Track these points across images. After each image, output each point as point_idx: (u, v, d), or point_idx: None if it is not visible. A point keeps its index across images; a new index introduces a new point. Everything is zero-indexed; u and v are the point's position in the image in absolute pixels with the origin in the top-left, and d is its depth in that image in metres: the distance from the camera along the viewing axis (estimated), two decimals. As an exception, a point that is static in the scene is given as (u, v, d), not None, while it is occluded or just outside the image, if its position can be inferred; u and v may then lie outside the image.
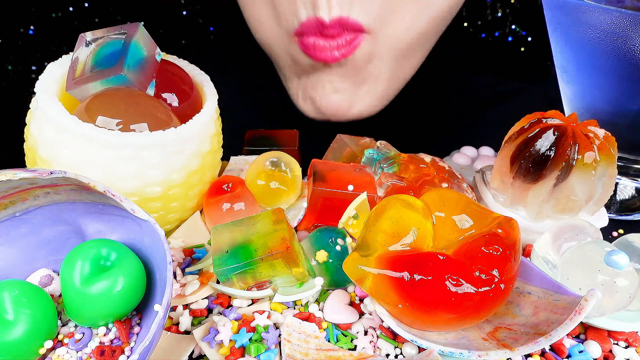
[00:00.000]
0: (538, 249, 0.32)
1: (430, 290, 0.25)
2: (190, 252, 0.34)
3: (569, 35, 0.38)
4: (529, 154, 0.33)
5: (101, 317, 0.27)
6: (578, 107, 0.41)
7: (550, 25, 0.40)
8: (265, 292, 0.30)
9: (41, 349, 0.26)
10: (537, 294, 0.28)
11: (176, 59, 0.39)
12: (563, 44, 0.39)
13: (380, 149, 0.39)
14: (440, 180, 0.36)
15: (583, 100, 0.41)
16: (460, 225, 0.28)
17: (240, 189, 0.35)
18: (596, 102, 0.40)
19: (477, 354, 0.25)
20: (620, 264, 0.27)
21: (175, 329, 0.29)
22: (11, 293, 0.25)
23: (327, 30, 0.42)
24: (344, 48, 0.43)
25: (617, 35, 0.34)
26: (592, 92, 0.39)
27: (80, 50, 0.33)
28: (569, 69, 0.40)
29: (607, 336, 0.30)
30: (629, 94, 0.37)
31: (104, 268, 0.26)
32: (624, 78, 0.36)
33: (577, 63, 0.39)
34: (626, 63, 0.35)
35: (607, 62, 0.36)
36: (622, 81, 0.37)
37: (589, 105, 0.40)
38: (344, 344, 0.28)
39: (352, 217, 0.34)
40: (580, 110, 0.41)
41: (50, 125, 0.30)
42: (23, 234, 0.29)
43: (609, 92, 0.38)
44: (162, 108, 0.33)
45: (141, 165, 0.31)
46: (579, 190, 0.33)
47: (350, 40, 0.42)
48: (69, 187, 0.28)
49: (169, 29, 0.78)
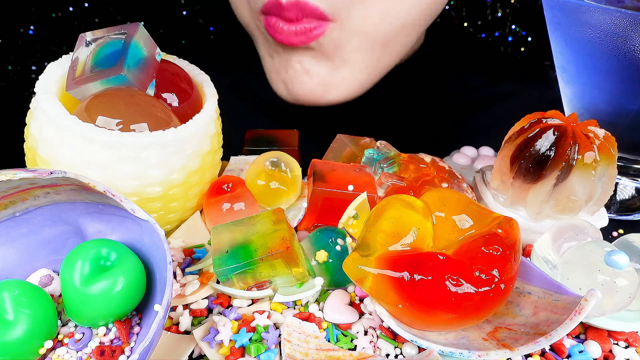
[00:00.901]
0: (538, 249, 0.32)
1: (430, 290, 0.25)
2: (190, 252, 0.34)
3: (569, 35, 0.38)
4: (529, 154, 0.33)
5: (101, 317, 0.27)
6: (578, 107, 0.41)
7: (550, 25, 0.40)
8: (265, 292, 0.30)
9: (41, 349, 0.26)
10: (537, 294, 0.28)
11: (176, 59, 0.39)
12: (563, 44, 0.39)
13: (380, 149, 0.39)
14: (440, 180, 0.36)
15: (583, 100, 0.41)
16: (460, 225, 0.28)
17: (240, 189, 0.35)
18: (596, 102, 0.40)
19: (477, 354, 0.25)
20: (620, 264, 0.27)
21: (175, 329, 0.29)
22: (11, 293, 0.25)
23: (285, 13, 0.41)
24: (302, 35, 0.42)
25: (617, 35, 0.34)
26: (592, 92, 0.39)
27: (80, 50, 0.33)
28: (568, 69, 0.40)
29: (607, 336, 0.30)
30: (628, 94, 0.37)
31: (104, 268, 0.26)
32: (624, 78, 0.36)
33: (577, 63, 0.39)
34: (626, 63, 0.35)
35: (607, 62, 0.36)
36: (622, 81, 0.37)
37: (588, 105, 0.40)
38: (344, 344, 0.28)
39: (352, 217, 0.34)
40: (580, 110, 0.41)
41: (50, 125, 0.30)
42: (23, 234, 0.29)
43: (608, 92, 0.38)
44: (162, 108, 0.33)
45: (141, 165, 0.31)
46: (579, 190, 0.33)
47: (311, 28, 0.42)
48: (69, 187, 0.28)
49: (169, 29, 0.78)
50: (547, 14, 0.40)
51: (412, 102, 0.66)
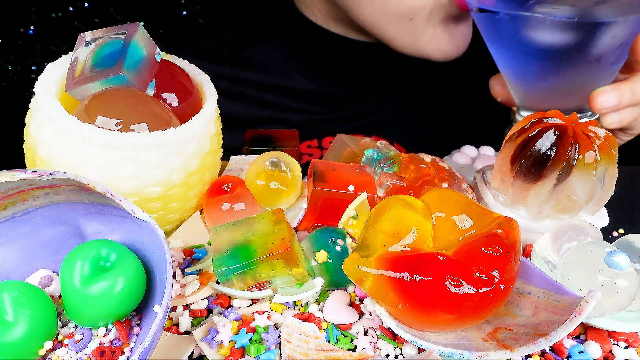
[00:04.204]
0: (538, 249, 0.32)
1: (430, 290, 0.25)
2: (190, 252, 0.34)
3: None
4: (529, 154, 0.33)
5: (101, 317, 0.26)
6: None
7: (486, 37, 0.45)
8: (265, 292, 0.30)
9: (41, 349, 0.26)
10: (537, 294, 0.28)
11: (176, 58, 0.39)
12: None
13: (380, 149, 0.39)
14: (440, 180, 0.36)
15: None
16: (460, 225, 0.28)
17: (240, 189, 0.35)
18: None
19: (477, 354, 0.25)
20: (621, 264, 0.27)
21: (175, 329, 0.29)
22: (11, 294, 0.25)
23: None
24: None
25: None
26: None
27: (80, 50, 0.33)
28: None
29: (607, 336, 0.30)
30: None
31: (104, 269, 0.26)
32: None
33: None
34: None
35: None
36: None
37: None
38: (344, 345, 0.28)
39: (352, 217, 0.34)
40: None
41: (50, 126, 0.30)
42: (23, 235, 0.29)
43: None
44: (162, 108, 0.33)
45: (141, 166, 0.31)
46: (580, 190, 0.33)
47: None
48: (69, 188, 0.28)
49: (169, 29, 0.78)
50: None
51: (412, 102, 0.66)
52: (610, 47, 0.39)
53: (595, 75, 0.41)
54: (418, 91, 0.66)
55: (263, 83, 0.63)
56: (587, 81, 0.42)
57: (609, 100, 0.40)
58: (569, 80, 0.42)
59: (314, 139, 0.62)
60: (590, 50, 0.38)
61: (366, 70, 0.63)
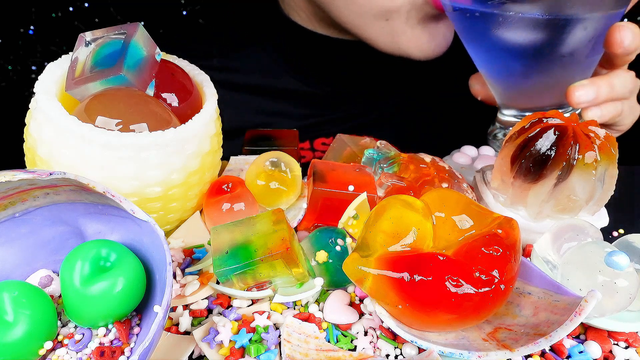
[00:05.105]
0: (538, 249, 0.32)
1: (430, 290, 0.25)
2: (190, 252, 0.34)
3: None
4: (529, 154, 0.33)
5: (101, 317, 0.26)
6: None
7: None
8: (265, 292, 0.30)
9: (41, 349, 0.26)
10: (537, 294, 0.28)
11: (176, 58, 0.39)
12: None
13: (380, 149, 0.39)
14: (440, 180, 0.36)
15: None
16: (460, 225, 0.28)
17: (240, 189, 0.35)
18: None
19: (477, 354, 0.25)
20: (621, 264, 0.27)
21: (175, 329, 0.29)
22: (11, 294, 0.25)
23: None
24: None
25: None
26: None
27: (80, 50, 0.33)
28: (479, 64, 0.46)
29: (607, 336, 0.30)
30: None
31: (104, 269, 0.26)
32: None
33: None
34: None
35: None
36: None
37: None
38: (344, 345, 0.28)
39: (352, 217, 0.34)
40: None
41: (50, 126, 0.30)
42: (23, 235, 0.29)
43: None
44: (162, 108, 0.33)
45: (141, 166, 0.31)
46: (580, 190, 0.33)
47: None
48: (69, 188, 0.28)
49: (169, 29, 0.78)
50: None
51: (412, 102, 0.66)
52: (582, 41, 0.39)
53: (570, 69, 0.41)
54: (410, 91, 0.66)
55: (252, 86, 0.63)
56: (564, 76, 0.42)
57: (586, 95, 0.40)
58: (546, 76, 0.42)
59: (305, 140, 0.62)
60: (562, 45, 0.38)
61: (355, 70, 0.62)
